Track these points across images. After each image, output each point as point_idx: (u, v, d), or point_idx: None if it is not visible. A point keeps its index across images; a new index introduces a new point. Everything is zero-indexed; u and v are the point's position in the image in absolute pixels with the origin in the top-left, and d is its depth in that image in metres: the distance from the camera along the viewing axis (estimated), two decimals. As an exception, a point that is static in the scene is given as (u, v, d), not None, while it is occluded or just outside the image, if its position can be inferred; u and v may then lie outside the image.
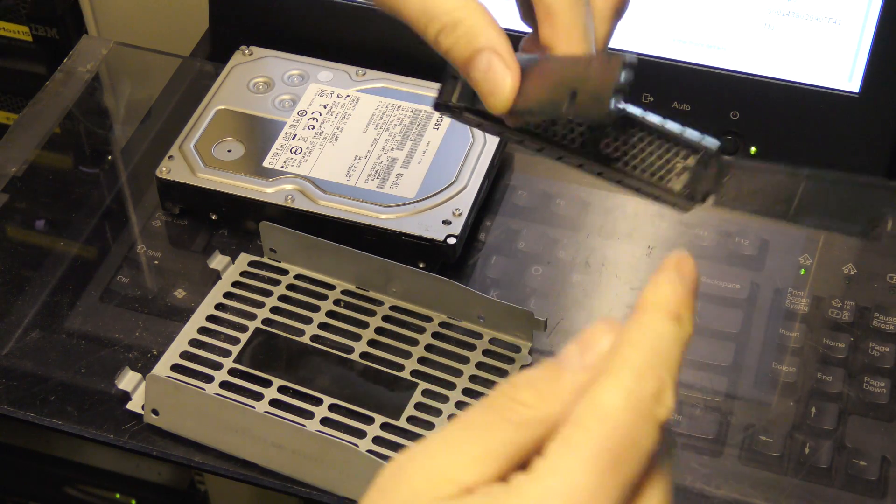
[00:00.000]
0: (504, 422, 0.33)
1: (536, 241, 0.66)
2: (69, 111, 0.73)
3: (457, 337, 0.61)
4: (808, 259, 0.65)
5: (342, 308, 0.62)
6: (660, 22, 0.69)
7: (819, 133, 0.68)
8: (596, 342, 0.35)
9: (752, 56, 0.68)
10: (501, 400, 0.34)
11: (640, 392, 0.32)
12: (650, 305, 0.35)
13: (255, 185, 0.65)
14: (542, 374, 0.34)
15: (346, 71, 0.71)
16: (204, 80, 0.74)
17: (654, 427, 0.32)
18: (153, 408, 0.57)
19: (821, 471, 0.56)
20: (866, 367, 0.60)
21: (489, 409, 0.34)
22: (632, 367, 0.33)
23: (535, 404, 0.33)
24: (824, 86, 0.68)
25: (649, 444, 0.32)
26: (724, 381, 0.60)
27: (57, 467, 1.06)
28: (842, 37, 0.67)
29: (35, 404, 0.59)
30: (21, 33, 0.96)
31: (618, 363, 0.33)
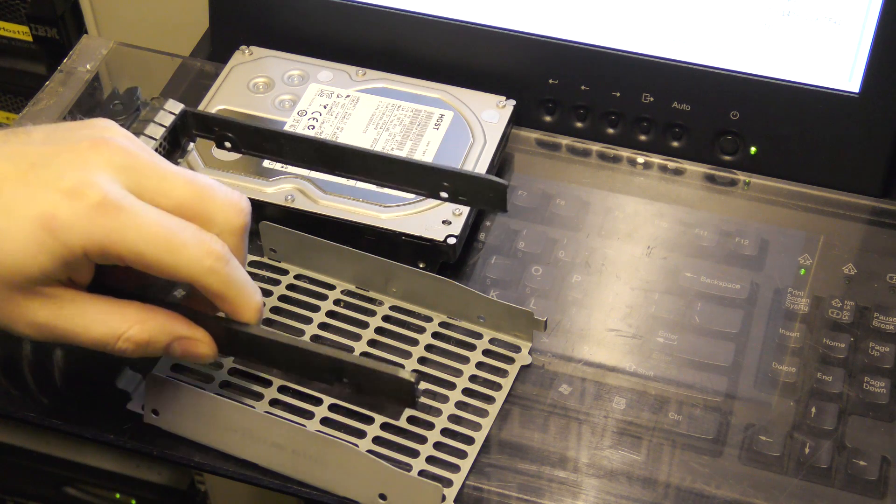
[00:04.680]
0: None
1: (536, 241, 0.66)
2: (69, 111, 0.73)
3: (457, 337, 0.61)
4: (808, 259, 0.65)
5: (342, 308, 0.62)
6: (660, 22, 0.69)
7: (819, 133, 0.69)
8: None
9: (752, 56, 0.68)
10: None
11: None
12: None
13: (255, 184, 0.65)
14: None
15: (346, 71, 0.71)
16: (204, 80, 0.74)
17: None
18: (153, 408, 0.57)
19: (821, 471, 0.56)
20: (866, 367, 0.60)
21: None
22: None
23: None
24: (824, 86, 0.68)
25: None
26: (724, 381, 0.60)
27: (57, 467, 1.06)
28: (842, 37, 0.67)
29: (35, 404, 0.59)
30: (21, 33, 0.96)
31: None
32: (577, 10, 0.70)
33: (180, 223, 0.50)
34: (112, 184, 0.49)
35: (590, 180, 0.70)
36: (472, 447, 0.57)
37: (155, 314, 0.51)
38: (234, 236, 0.52)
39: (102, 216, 0.48)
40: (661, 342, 0.61)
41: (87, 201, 0.48)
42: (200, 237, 0.50)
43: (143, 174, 0.50)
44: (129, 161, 0.50)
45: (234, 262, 0.51)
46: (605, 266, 0.65)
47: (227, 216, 0.51)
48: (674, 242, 0.66)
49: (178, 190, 0.50)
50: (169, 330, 0.51)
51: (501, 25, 0.71)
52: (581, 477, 0.56)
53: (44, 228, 0.47)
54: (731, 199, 0.69)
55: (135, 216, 0.48)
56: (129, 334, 0.51)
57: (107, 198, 0.48)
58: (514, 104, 0.69)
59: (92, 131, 0.51)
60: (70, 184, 0.48)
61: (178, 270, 0.49)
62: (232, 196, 0.52)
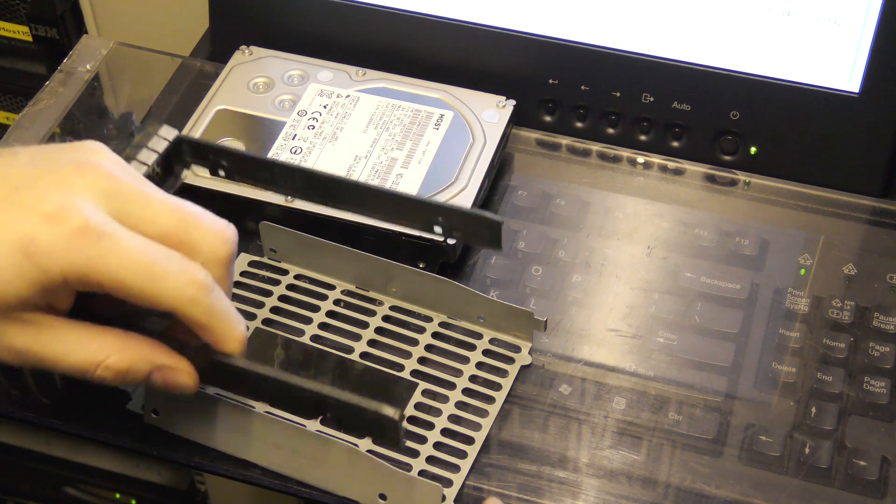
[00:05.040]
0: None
1: (536, 241, 0.66)
2: (69, 111, 0.73)
3: (457, 337, 0.61)
4: (808, 259, 0.65)
5: (342, 308, 0.62)
6: (660, 22, 0.69)
7: (819, 133, 0.69)
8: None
9: (752, 56, 0.68)
10: None
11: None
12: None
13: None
14: None
15: (346, 71, 0.71)
16: (204, 80, 0.74)
17: None
18: (153, 408, 0.57)
19: (821, 471, 0.56)
20: (866, 367, 0.60)
21: None
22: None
23: None
24: (824, 86, 0.68)
25: None
26: (724, 381, 0.60)
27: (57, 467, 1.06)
28: (842, 37, 0.67)
29: (35, 404, 0.59)
30: (21, 33, 0.96)
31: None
32: (577, 10, 0.70)
33: (163, 251, 0.49)
34: (94, 209, 0.48)
35: (590, 180, 0.70)
36: (472, 447, 0.57)
37: (135, 342, 0.50)
38: (218, 266, 0.50)
39: (83, 242, 0.47)
40: (661, 342, 0.61)
41: (67, 226, 0.47)
42: (183, 266, 0.49)
43: (128, 200, 0.49)
44: (114, 186, 0.49)
45: (218, 291, 0.50)
46: (605, 266, 0.65)
47: (212, 245, 0.50)
48: (674, 242, 0.66)
49: (162, 217, 0.50)
50: (149, 359, 0.50)
51: (501, 25, 0.71)
52: (581, 477, 0.56)
53: (22, 253, 0.46)
54: (731, 199, 0.69)
55: (116, 243, 0.47)
56: (108, 362, 0.49)
57: (88, 223, 0.47)
58: (514, 104, 0.69)
59: (78, 154, 0.50)
60: (51, 208, 0.47)
61: (160, 300, 0.48)
62: (218, 225, 0.51)
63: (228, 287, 0.52)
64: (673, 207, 0.68)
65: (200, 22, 0.79)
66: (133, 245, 0.48)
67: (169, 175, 0.59)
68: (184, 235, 0.50)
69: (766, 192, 0.69)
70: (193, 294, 0.48)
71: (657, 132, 0.71)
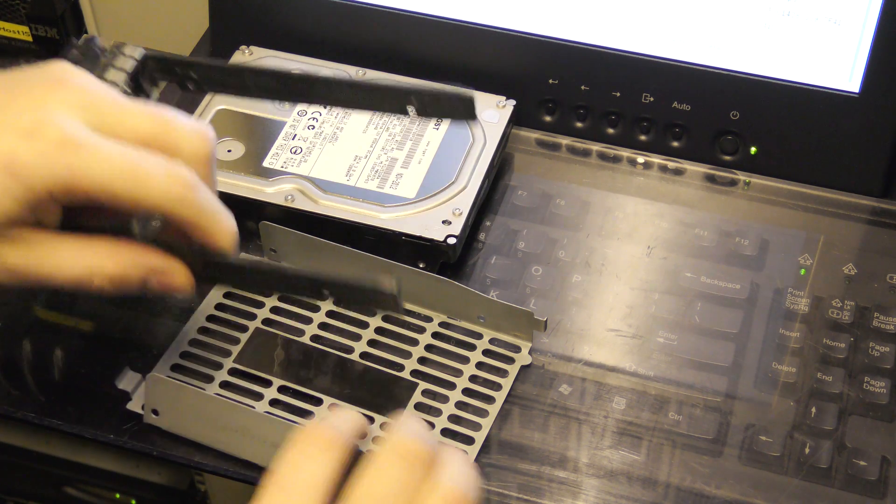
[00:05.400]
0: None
1: (536, 241, 0.66)
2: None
3: (457, 337, 0.61)
4: (808, 259, 0.65)
5: (342, 308, 0.62)
6: (660, 22, 0.69)
7: (819, 133, 0.69)
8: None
9: (752, 56, 0.68)
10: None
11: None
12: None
13: (255, 185, 0.65)
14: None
15: (346, 71, 0.71)
16: (204, 80, 0.74)
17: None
18: (153, 408, 0.57)
19: (821, 471, 0.56)
20: (866, 367, 0.60)
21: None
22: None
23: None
24: (824, 86, 0.68)
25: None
26: (724, 381, 0.60)
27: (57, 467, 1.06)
28: (842, 37, 0.67)
29: (35, 404, 0.59)
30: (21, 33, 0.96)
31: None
32: (577, 10, 0.70)
33: (145, 153, 0.48)
34: (72, 121, 0.47)
35: (590, 180, 0.70)
36: (472, 447, 0.57)
37: (127, 248, 0.50)
38: (201, 164, 0.50)
39: (64, 153, 0.46)
40: (661, 342, 0.61)
41: (47, 140, 0.46)
42: (167, 166, 0.48)
43: (103, 110, 0.49)
44: (88, 99, 0.49)
45: (204, 188, 0.49)
46: (605, 266, 0.65)
47: (192, 145, 0.50)
48: (674, 242, 0.66)
49: (140, 123, 0.49)
50: (143, 263, 0.50)
51: (501, 25, 0.71)
52: (581, 477, 0.56)
53: (5, 171, 0.46)
54: (731, 199, 0.69)
55: (97, 151, 0.47)
56: (102, 270, 0.49)
57: (66, 135, 0.47)
58: (514, 104, 0.69)
59: (48, 73, 0.50)
60: (28, 124, 0.47)
61: (147, 201, 0.48)
62: (196, 125, 0.51)
63: (213, 186, 0.51)
64: (673, 207, 0.68)
65: (200, 22, 0.79)
66: (114, 151, 0.47)
67: (140, 93, 0.58)
68: (164, 138, 0.49)
69: (766, 192, 0.69)
70: (180, 192, 0.48)
71: (657, 132, 0.71)
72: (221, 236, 0.50)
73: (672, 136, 0.71)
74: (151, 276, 0.51)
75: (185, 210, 0.49)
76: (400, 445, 0.46)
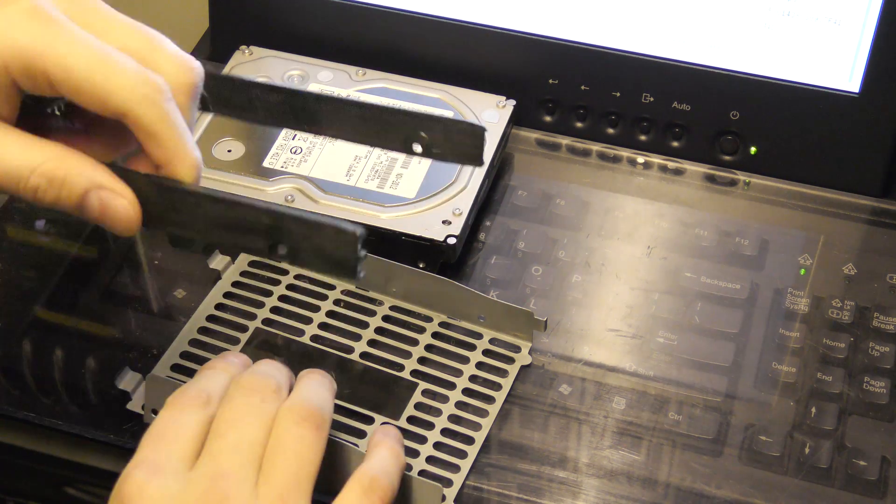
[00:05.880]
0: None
1: (536, 241, 0.66)
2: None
3: (457, 337, 0.61)
4: (808, 259, 0.65)
5: (342, 308, 0.62)
6: (660, 22, 0.69)
7: (819, 133, 0.69)
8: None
9: (752, 56, 0.68)
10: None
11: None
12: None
13: (255, 185, 0.65)
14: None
15: (346, 71, 0.71)
16: (204, 80, 0.74)
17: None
18: (153, 408, 0.57)
19: (821, 471, 0.56)
20: (866, 367, 0.60)
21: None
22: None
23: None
24: (824, 86, 0.68)
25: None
26: (724, 381, 0.60)
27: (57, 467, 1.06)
28: (842, 37, 0.67)
29: (35, 404, 0.59)
30: (21, 33, 0.96)
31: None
32: (577, 10, 0.70)
33: (119, 52, 0.44)
34: (49, 2, 0.44)
35: (590, 180, 0.70)
36: (472, 447, 0.57)
37: (77, 156, 0.45)
38: (182, 94, 0.46)
39: (31, 22, 0.43)
40: (661, 342, 0.61)
41: (16, 6, 0.43)
42: (140, 66, 0.44)
43: (88, 10, 0.45)
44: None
45: (175, 105, 0.45)
46: (605, 266, 0.65)
47: (176, 70, 0.46)
48: (674, 242, 0.66)
49: (125, 34, 0.46)
50: (88, 175, 0.45)
51: (501, 25, 0.71)
52: (581, 477, 0.56)
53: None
54: (731, 199, 0.69)
55: (68, 30, 0.43)
56: (43, 168, 0.44)
57: (38, 6, 0.43)
58: (514, 104, 0.69)
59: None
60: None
61: (110, 95, 0.44)
62: (183, 53, 0.47)
63: (191, 121, 0.47)
64: (673, 207, 0.68)
65: (200, 22, 0.79)
66: (86, 36, 0.44)
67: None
68: (146, 55, 0.46)
69: (766, 192, 0.69)
70: (148, 93, 0.44)
71: (657, 132, 0.71)
72: (181, 161, 0.46)
73: (672, 136, 0.71)
74: (94, 193, 0.46)
75: (148, 114, 0.44)
76: (245, 382, 0.50)
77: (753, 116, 0.69)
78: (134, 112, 0.44)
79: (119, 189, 0.46)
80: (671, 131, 0.71)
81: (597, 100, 0.71)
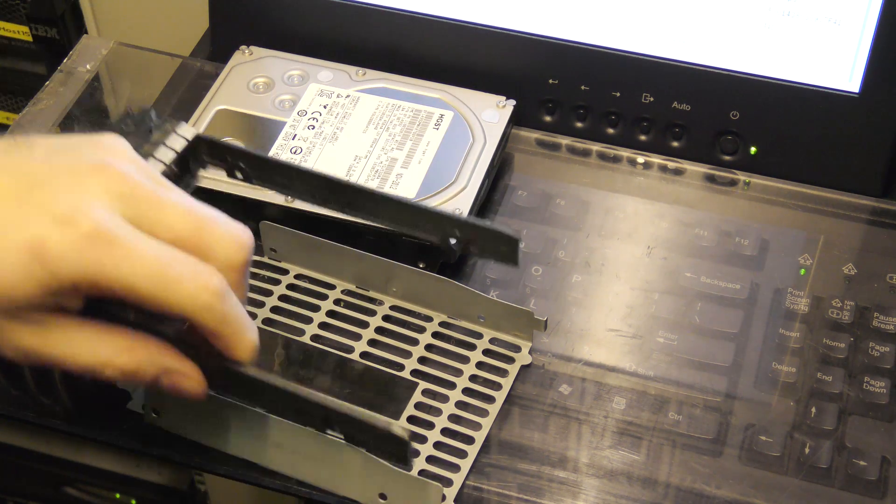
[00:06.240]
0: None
1: (536, 241, 0.66)
2: (69, 111, 0.73)
3: (457, 337, 0.61)
4: (808, 259, 0.65)
5: (342, 308, 0.62)
6: (660, 22, 0.69)
7: (819, 133, 0.69)
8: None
9: (752, 56, 0.68)
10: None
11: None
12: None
13: (255, 184, 0.65)
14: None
15: (346, 71, 0.71)
16: (204, 80, 0.74)
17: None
18: (153, 408, 0.57)
19: (821, 471, 0.56)
20: (866, 367, 0.60)
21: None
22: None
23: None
24: (824, 86, 0.68)
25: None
26: (724, 381, 0.60)
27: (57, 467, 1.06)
28: (842, 37, 0.67)
29: (35, 404, 0.59)
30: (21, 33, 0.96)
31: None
32: (577, 10, 0.70)
33: (176, 256, 0.47)
34: (107, 213, 0.47)
35: (590, 180, 0.70)
36: (472, 447, 0.57)
37: (145, 344, 0.49)
38: (234, 272, 0.49)
39: (94, 247, 0.46)
40: (661, 342, 0.61)
41: (79, 230, 0.46)
42: (197, 271, 0.47)
43: (143, 203, 0.48)
44: (129, 189, 0.48)
45: (232, 298, 0.48)
46: (605, 266, 0.65)
47: (227, 251, 0.49)
48: (674, 242, 0.66)
49: (177, 221, 0.48)
50: (158, 362, 0.49)
51: (501, 25, 0.71)
52: (581, 477, 0.56)
53: (33, 256, 0.46)
54: (731, 199, 0.69)
55: (128, 248, 0.46)
56: (115, 362, 0.49)
57: (99, 228, 0.46)
58: (514, 104, 0.69)
59: (95, 152, 0.49)
60: (63, 209, 0.46)
61: (172, 306, 0.47)
62: (234, 229, 0.50)
63: (244, 293, 0.50)
64: (673, 207, 0.68)
65: (200, 22, 0.79)
66: (145, 250, 0.47)
67: (186, 174, 0.58)
68: (198, 240, 0.49)
69: (766, 192, 0.69)
70: (206, 300, 0.47)
71: (657, 132, 0.71)
72: (241, 349, 0.49)
73: (672, 136, 0.71)
74: (164, 376, 0.50)
75: (209, 319, 0.48)
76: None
77: (753, 116, 0.69)
78: (194, 318, 0.48)
79: (186, 370, 0.50)
80: (671, 131, 0.71)
81: (597, 100, 0.71)
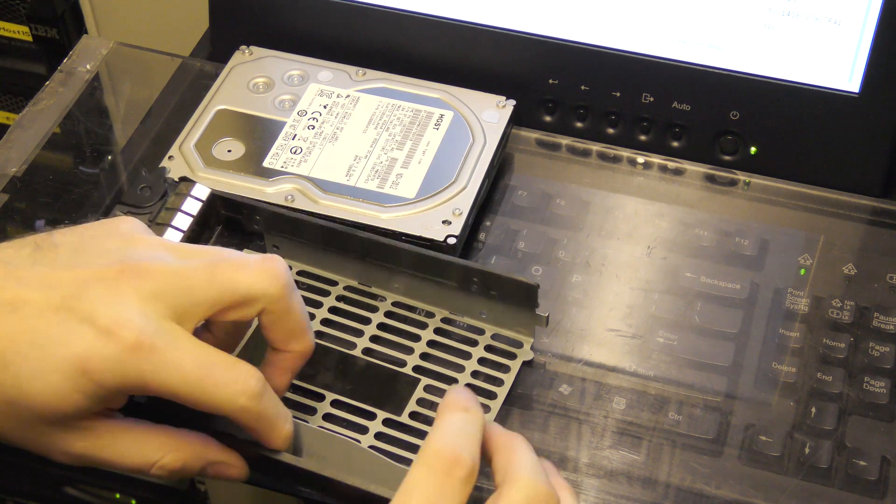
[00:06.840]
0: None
1: (536, 241, 0.66)
2: (69, 111, 0.73)
3: (459, 333, 0.61)
4: (808, 259, 0.65)
5: (345, 304, 0.62)
6: (660, 22, 0.69)
7: (819, 133, 0.69)
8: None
9: (752, 56, 0.68)
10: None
11: (436, 463, 0.46)
12: (446, 406, 0.48)
13: (255, 184, 0.65)
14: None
15: (346, 71, 0.71)
16: (204, 80, 0.74)
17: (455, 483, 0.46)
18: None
19: (821, 471, 0.56)
20: (866, 367, 0.60)
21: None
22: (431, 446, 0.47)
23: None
24: (824, 86, 0.68)
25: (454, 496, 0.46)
26: (724, 381, 0.60)
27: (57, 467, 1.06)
28: (842, 37, 0.67)
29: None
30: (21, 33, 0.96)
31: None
32: (577, 10, 0.70)
33: (215, 361, 0.49)
34: (144, 319, 0.48)
35: (590, 180, 0.70)
36: (472, 446, 0.56)
37: (188, 441, 0.52)
38: (279, 301, 0.51)
39: (136, 357, 0.48)
40: (661, 342, 0.61)
41: (122, 343, 0.48)
42: (235, 375, 0.49)
43: (174, 295, 0.50)
44: (159, 286, 0.49)
45: (268, 395, 0.51)
46: (605, 266, 0.65)
47: (265, 289, 0.51)
48: (674, 242, 0.66)
49: (212, 297, 0.50)
50: (202, 456, 0.52)
51: (501, 25, 0.71)
52: (581, 477, 0.56)
53: (78, 370, 0.48)
54: (731, 199, 0.69)
55: (169, 356, 0.48)
56: (162, 462, 0.51)
57: (141, 338, 0.48)
58: (514, 104, 0.69)
59: (118, 247, 0.51)
60: (104, 322, 0.48)
61: (212, 408, 0.50)
62: (263, 264, 0.51)
63: (299, 307, 0.52)
64: (673, 207, 0.68)
65: (200, 22, 0.79)
66: (185, 356, 0.49)
67: (205, 229, 0.62)
68: (237, 298, 0.51)
69: (766, 192, 0.69)
70: (244, 403, 0.50)
71: (657, 132, 0.71)
72: (276, 440, 0.52)
73: (672, 136, 0.71)
74: (209, 468, 0.52)
75: (246, 418, 0.50)
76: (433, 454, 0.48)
77: (753, 116, 0.69)
78: (234, 418, 0.50)
79: (229, 459, 0.53)
80: (671, 131, 0.71)
81: (597, 100, 0.71)
